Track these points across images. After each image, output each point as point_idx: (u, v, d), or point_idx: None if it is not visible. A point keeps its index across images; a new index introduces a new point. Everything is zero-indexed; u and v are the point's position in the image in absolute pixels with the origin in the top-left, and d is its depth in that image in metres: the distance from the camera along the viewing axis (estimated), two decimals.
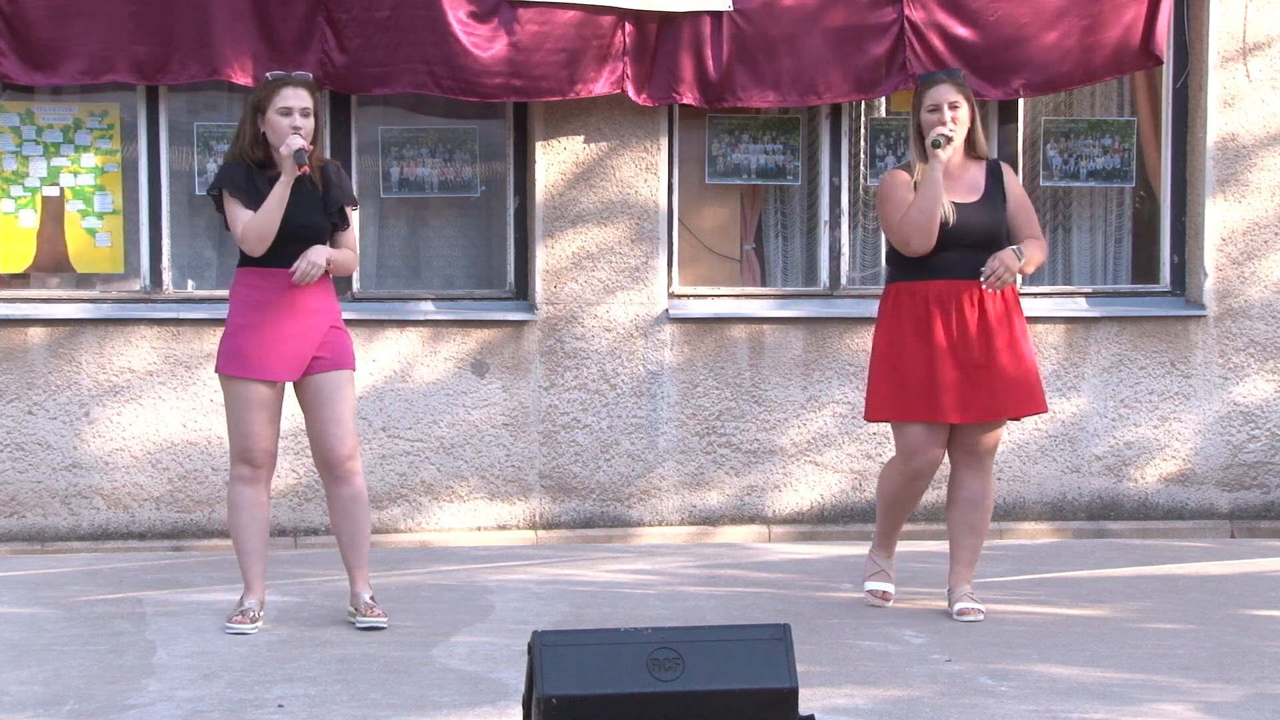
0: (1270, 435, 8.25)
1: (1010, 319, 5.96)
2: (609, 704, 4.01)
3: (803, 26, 7.79)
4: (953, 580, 6.11)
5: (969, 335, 5.91)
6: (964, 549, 6.09)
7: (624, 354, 7.93)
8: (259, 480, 5.85)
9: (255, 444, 5.80)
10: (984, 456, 6.05)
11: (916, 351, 5.93)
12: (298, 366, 5.80)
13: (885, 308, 6.07)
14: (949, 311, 5.91)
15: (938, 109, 5.91)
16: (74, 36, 7.40)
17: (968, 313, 5.91)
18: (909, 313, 5.96)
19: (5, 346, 7.60)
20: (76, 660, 5.41)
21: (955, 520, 6.10)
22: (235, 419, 5.81)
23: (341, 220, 5.94)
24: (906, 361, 5.94)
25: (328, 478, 5.89)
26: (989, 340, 5.91)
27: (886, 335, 6.03)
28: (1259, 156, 8.16)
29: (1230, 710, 4.85)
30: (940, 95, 5.92)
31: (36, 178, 7.75)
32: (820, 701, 4.80)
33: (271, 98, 5.76)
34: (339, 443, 5.83)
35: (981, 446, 6.03)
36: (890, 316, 6.03)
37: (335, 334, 5.88)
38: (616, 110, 7.84)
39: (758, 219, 8.34)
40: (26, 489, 7.63)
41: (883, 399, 6.02)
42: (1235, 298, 8.20)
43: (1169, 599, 6.53)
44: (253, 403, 5.77)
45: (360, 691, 5.01)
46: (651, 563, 7.30)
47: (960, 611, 6.00)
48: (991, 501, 6.11)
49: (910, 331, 5.94)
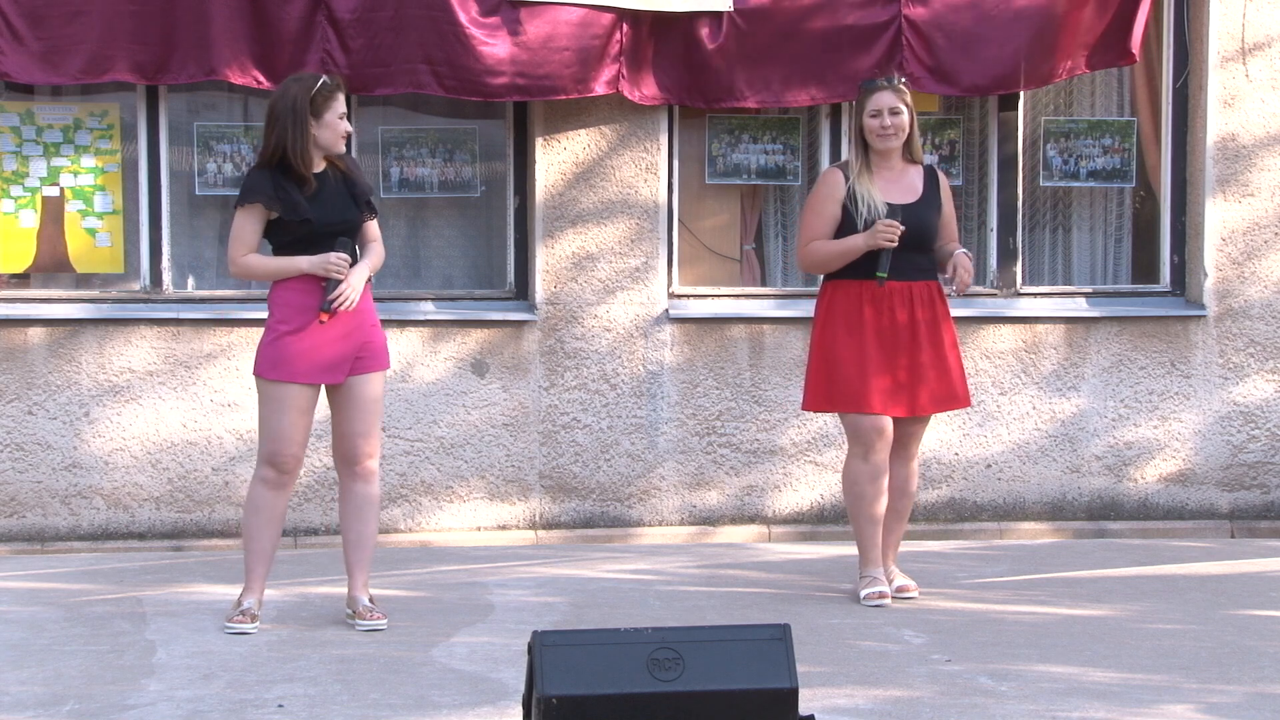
0: (1270, 435, 8.25)
1: (938, 319, 6.28)
2: (609, 704, 4.01)
3: (801, 26, 7.79)
4: (884, 563, 6.42)
5: (898, 333, 6.22)
6: (892, 533, 6.45)
7: (624, 354, 7.93)
8: (282, 485, 5.83)
9: (286, 448, 5.77)
10: (911, 446, 6.41)
11: (848, 346, 6.23)
12: (341, 369, 5.79)
13: (821, 304, 6.36)
14: (880, 310, 6.22)
15: (878, 114, 6.22)
16: (74, 36, 7.39)
17: (898, 311, 6.22)
18: (842, 309, 6.26)
19: (5, 346, 7.60)
20: (76, 660, 5.41)
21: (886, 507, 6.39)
22: (269, 421, 5.78)
23: (370, 211, 5.94)
24: (839, 356, 6.26)
25: (346, 475, 5.90)
26: (915, 339, 6.23)
27: (821, 330, 6.32)
28: (1259, 156, 8.16)
29: (1230, 710, 4.85)
30: (881, 101, 6.24)
31: (36, 178, 7.75)
32: (820, 701, 4.80)
33: (330, 102, 5.73)
34: (364, 441, 5.85)
35: (910, 438, 6.39)
36: (825, 312, 6.31)
37: (373, 333, 5.88)
38: (616, 110, 7.85)
39: (758, 219, 8.34)
40: (26, 489, 7.63)
41: (816, 391, 6.37)
42: (1235, 298, 8.20)
43: (1169, 599, 6.53)
44: (291, 407, 5.74)
45: (360, 691, 5.01)
46: (651, 563, 7.30)
47: (900, 589, 6.35)
48: (915, 487, 6.51)
49: (842, 327, 6.26)
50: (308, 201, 5.73)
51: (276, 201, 5.71)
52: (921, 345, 6.23)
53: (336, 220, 5.77)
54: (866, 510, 6.30)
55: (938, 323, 6.27)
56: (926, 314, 6.24)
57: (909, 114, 6.26)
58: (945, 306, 6.34)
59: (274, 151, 5.73)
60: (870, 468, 6.27)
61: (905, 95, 6.26)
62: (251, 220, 5.76)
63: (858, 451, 6.29)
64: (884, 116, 6.19)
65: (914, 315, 6.22)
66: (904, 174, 6.32)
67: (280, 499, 5.84)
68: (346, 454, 5.87)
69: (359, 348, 5.81)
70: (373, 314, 5.91)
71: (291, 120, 5.70)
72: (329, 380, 5.79)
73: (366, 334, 5.84)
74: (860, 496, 6.31)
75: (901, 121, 6.21)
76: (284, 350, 5.72)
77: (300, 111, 5.70)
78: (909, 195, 6.27)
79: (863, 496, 6.30)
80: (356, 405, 5.83)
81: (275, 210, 5.72)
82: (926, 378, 6.26)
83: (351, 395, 5.83)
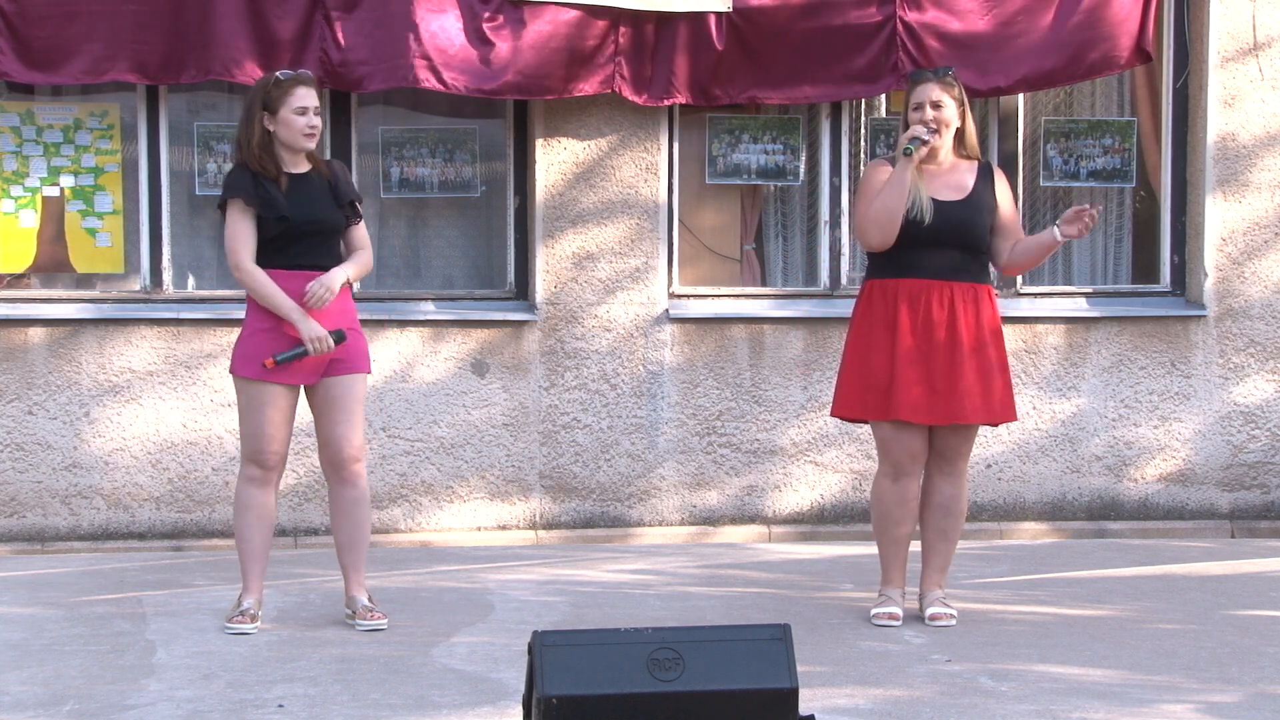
0: (1270, 435, 8.25)
1: (981, 323, 5.90)
2: (609, 704, 4.01)
3: (799, 26, 7.79)
4: (925, 585, 6.07)
5: (934, 336, 5.84)
6: (936, 554, 6.05)
7: (624, 354, 7.93)
8: (268, 482, 5.83)
9: (267, 446, 5.77)
10: (955, 461, 5.99)
11: (882, 349, 5.88)
12: (315, 370, 5.79)
13: (859, 305, 6.03)
14: (916, 310, 5.86)
15: (920, 107, 5.89)
16: (75, 36, 7.40)
17: (935, 313, 5.85)
18: (880, 310, 5.91)
19: (5, 346, 7.60)
20: (76, 660, 5.41)
21: (928, 525, 6.05)
22: (249, 420, 5.78)
23: (354, 214, 5.92)
24: (872, 359, 5.89)
25: (333, 478, 5.89)
26: (954, 343, 5.84)
27: (857, 332, 5.98)
28: (1259, 156, 8.16)
29: (1230, 710, 4.85)
30: (924, 94, 5.89)
31: (36, 178, 7.75)
32: (820, 701, 4.80)
33: (285, 97, 5.71)
34: (347, 444, 5.83)
35: (952, 451, 5.97)
36: (863, 313, 5.98)
37: (351, 336, 5.87)
38: (617, 110, 7.85)
39: (758, 219, 8.34)
40: (26, 489, 7.63)
41: (846, 396, 6.00)
42: (1235, 298, 8.20)
43: (1169, 599, 6.53)
44: (268, 405, 5.74)
45: (360, 691, 5.01)
46: (651, 563, 7.30)
47: (932, 616, 5.96)
48: (964, 507, 6.06)
49: (879, 328, 5.89)
50: (287, 200, 5.73)
51: (255, 198, 5.72)
52: (962, 349, 5.83)
53: (314, 219, 5.76)
54: (891, 531, 5.96)
55: (982, 327, 5.87)
56: (969, 317, 5.85)
57: (957, 107, 5.91)
58: (993, 311, 5.96)
59: (241, 150, 5.79)
60: (899, 489, 5.92)
61: (953, 89, 5.91)
62: (241, 218, 5.74)
63: (886, 470, 5.94)
64: (925, 109, 5.86)
65: (954, 316, 5.83)
66: (953, 170, 5.95)
67: (267, 496, 5.84)
68: (330, 458, 5.86)
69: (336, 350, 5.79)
70: (352, 318, 5.89)
71: (246, 119, 5.77)
72: (301, 381, 5.78)
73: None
74: (885, 516, 5.97)
75: (943, 115, 5.87)
76: (258, 349, 5.72)
77: (252, 109, 5.75)
78: (956, 192, 5.91)
79: (887, 517, 5.96)
80: (336, 408, 5.82)
81: (254, 206, 5.72)
82: (964, 384, 5.83)
83: (330, 398, 5.82)
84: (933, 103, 5.87)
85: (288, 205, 5.72)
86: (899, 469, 5.91)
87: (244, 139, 5.78)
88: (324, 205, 5.80)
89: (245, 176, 5.75)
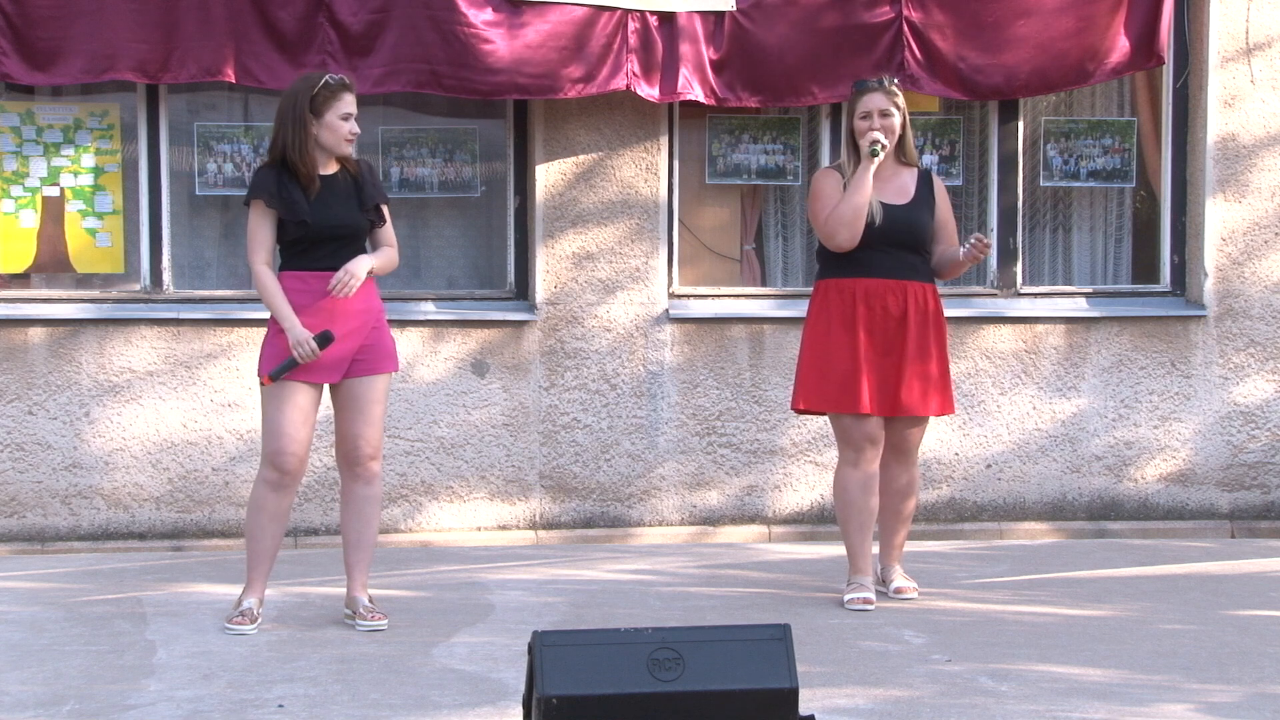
0: (1270, 435, 8.25)
1: (929, 321, 6.24)
2: (609, 704, 4.01)
3: (803, 26, 7.79)
4: (886, 562, 6.49)
5: (890, 332, 6.20)
6: (895, 534, 6.47)
7: (624, 354, 7.93)
8: (285, 487, 5.81)
9: (288, 446, 5.75)
10: (910, 451, 6.38)
11: (841, 345, 6.20)
12: (339, 369, 5.79)
13: (814, 303, 6.33)
14: (874, 308, 6.20)
15: (868, 116, 6.19)
16: (75, 36, 7.39)
17: (892, 310, 6.20)
18: (837, 308, 6.23)
19: (5, 346, 7.61)
20: (76, 660, 5.41)
21: (887, 509, 6.41)
22: (271, 421, 5.77)
23: (379, 217, 5.92)
24: (832, 354, 6.23)
25: (347, 474, 5.90)
26: (906, 339, 6.19)
27: (814, 329, 6.30)
28: (1259, 156, 8.16)
29: (1230, 710, 4.85)
30: (871, 103, 6.21)
31: (36, 178, 7.75)
32: (820, 701, 4.80)
33: (333, 102, 5.71)
34: (365, 442, 5.84)
35: (907, 441, 6.36)
36: (819, 311, 6.29)
37: (377, 335, 5.87)
38: (617, 110, 7.85)
39: (758, 219, 8.34)
40: (26, 489, 7.64)
41: (808, 390, 6.30)
42: (1235, 298, 8.20)
43: (1169, 599, 6.53)
44: (291, 406, 5.74)
45: (360, 691, 5.01)
46: (651, 563, 7.30)
47: (898, 590, 6.38)
48: (917, 489, 6.49)
49: (837, 326, 6.22)
50: (310, 203, 5.73)
51: (277, 200, 5.71)
52: (910, 344, 6.19)
53: (335, 224, 5.75)
54: (857, 517, 6.28)
55: (928, 324, 6.22)
56: (918, 314, 6.21)
57: (900, 116, 6.23)
58: (939, 309, 6.31)
59: (279, 151, 5.75)
60: (860, 475, 6.25)
61: (897, 97, 6.23)
62: (262, 219, 5.76)
63: (848, 457, 6.26)
64: (873, 119, 6.17)
65: (906, 313, 6.19)
66: (896, 175, 6.28)
67: (283, 500, 5.83)
68: (348, 455, 5.87)
69: (360, 348, 5.81)
70: (379, 316, 5.90)
71: (292, 119, 5.72)
72: (326, 379, 5.79)
73: (370, 335, 5.83)
74: (849, 504, 6.28)
75: (891, 124, 6.18)
76: (283, 350, 5.72)
77: (300, 110, 5.71)
78: (900, 197, 6.25)
79: (852, 504, 6.27)
80: (357, 406, 5.83)
81: (275, 208, 5.72)
82: (914, 378, 6.21)
83: (352, 396, 5.83)
84: (881, 111, 6.19)
85: (311, 209, 5.72)
86: (860, 454, 6.24)
87: (289, 140, 5.72)
88: (347, 209, 5.80)
89: (270, 177, 5.74)
